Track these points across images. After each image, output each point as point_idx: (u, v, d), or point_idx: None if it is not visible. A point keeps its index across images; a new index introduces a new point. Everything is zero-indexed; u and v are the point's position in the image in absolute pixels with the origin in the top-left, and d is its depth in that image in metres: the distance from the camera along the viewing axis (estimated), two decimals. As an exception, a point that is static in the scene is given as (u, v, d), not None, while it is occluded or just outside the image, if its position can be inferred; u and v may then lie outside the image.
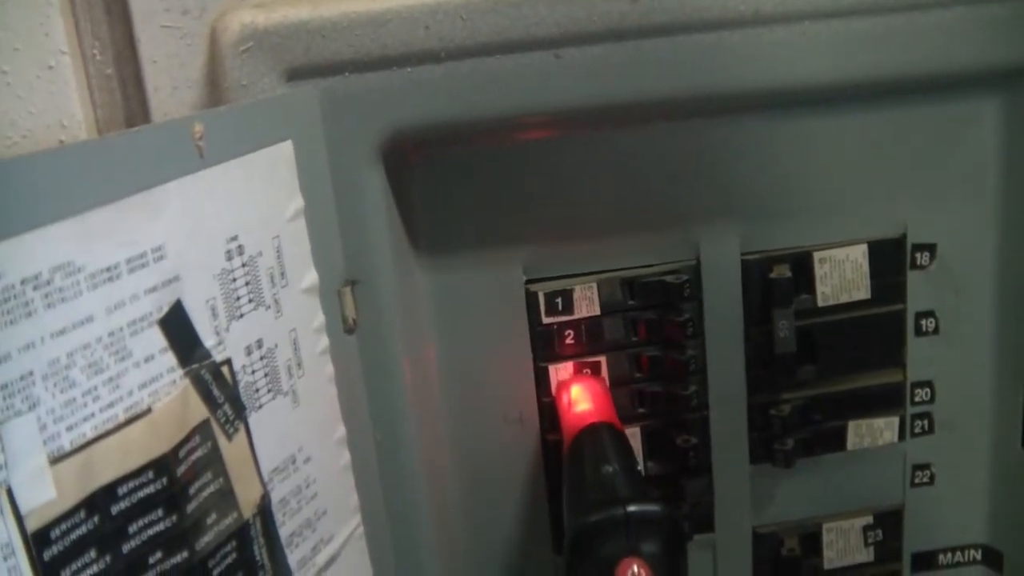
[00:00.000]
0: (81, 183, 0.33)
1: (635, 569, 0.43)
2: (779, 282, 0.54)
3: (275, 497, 0.43)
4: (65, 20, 0.46)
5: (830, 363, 0.56)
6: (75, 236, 0.33)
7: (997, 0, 0.48)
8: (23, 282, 0.31)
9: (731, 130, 0.52)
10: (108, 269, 0.34)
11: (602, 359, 0.55)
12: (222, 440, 0.40)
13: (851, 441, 0.58)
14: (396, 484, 0.52)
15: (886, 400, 0.58)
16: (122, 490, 0.35)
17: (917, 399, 0.58)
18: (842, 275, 0.55)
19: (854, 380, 0.57)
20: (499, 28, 0.45)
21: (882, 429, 0.58)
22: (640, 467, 0.56)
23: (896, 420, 0.58)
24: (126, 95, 0.48)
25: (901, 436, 0.58)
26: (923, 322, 0.57)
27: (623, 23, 0.46)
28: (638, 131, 0.52)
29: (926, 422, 0.58)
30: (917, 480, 0.59)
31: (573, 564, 0.45)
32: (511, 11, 0.45)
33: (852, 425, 0.57)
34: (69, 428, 0.33)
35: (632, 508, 0.44)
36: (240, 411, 0.41)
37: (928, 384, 0.58)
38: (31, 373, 0.32)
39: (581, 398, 0.54)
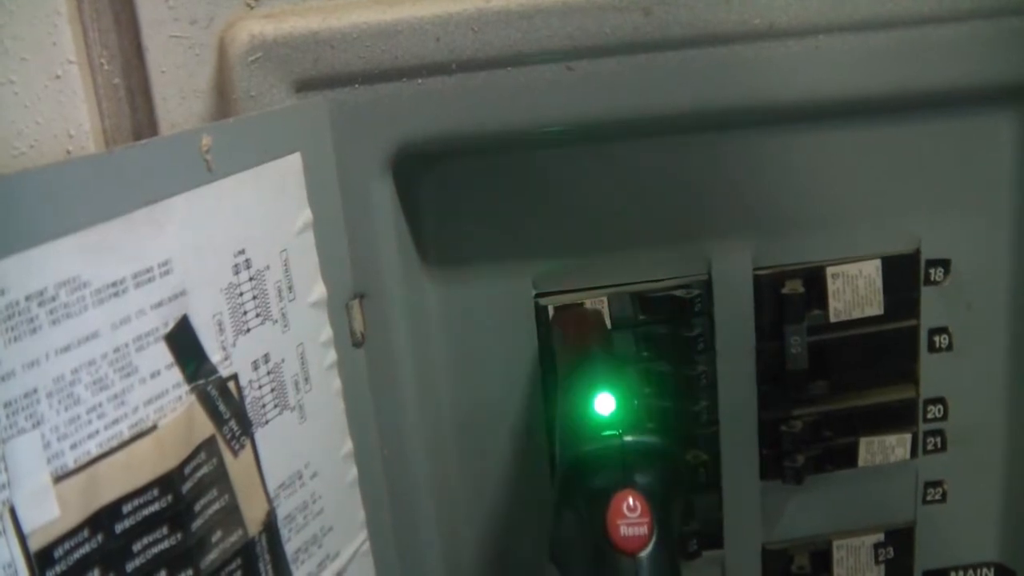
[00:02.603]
0: (87, 197, 0.33)
1: (630, 502, 0.40)
2: (791, 298, 0.53)
3: (281, 513, 0.43)
4: (73, 29, 0.45)
5: (842, 379, 0.56)
6: (81, 251, 0.32)
7: (1014, 14, 0.47)
8: (28, 298, 0.31)
9: (744, 144, 0.52)
10: (114, 284, 0.34)
11: (612, 373, 0.54)
12: (228, 456, 0.39)
13: (863, 458, 0.57)
14: (403, 499, 0.51)
15: (898, 417, 0.57)
16: (127, 508, 0.34)
17: (930, 416, 0.57)
18: (855, 290, 0.54)
19: (866, 396, 0.57)
20: (511, 40, 0.45)
21: (894, 446, 0.57)
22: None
23: (908, 437, 0.57)
24: (134, 105, 0.47)
25: (913, 453, 0.57)
26: (936, 338, 0.56)
27: (636, 36, 0.45)
28: (650, 144, 0.51)
29: (939, 439, 0.58)
30: (929, 497, 0.59)
31: (564, 497, 0.43)
32: (523, 23, 0.45)
33: (864, 442, 0.57)
34: (73, 446, 0.32)
35: (629, 438, 0.42)
36: (246, 427, 0.40)
37: (941, 401, 0.57)
38: (35, 390, 0.31)
39: (579, 329, 0.52)
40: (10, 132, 0.45)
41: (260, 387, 0.41)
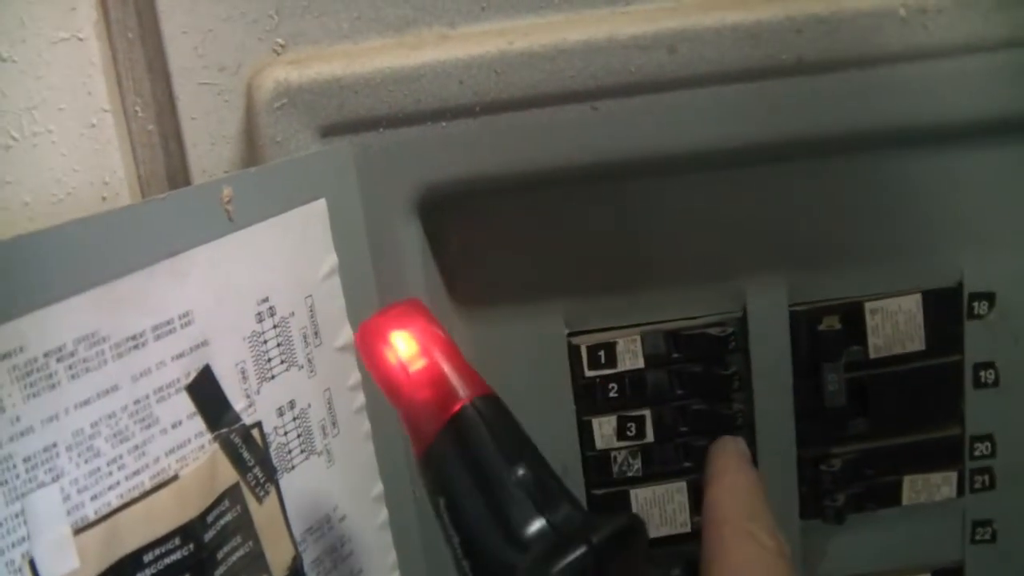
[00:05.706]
0: (107, 252, 0.33)
1: None
2: (828, 335, 0.52)
3: (309, 558, 0.43)
4: (107, 78, 0.46)
5: (883, 416, 0.54)
6: (100, 306, 0.33)
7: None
8: (46, 355, 0.31)
9: (777, 178, 0.51)
10: (133, 337, 0.34)
11: (646, 412, 0.54)
12: (252, 503, 0.39)
13: (907, 496, 0.56)
14: (436, 540, 0.51)
15: (943, 454, 0.55)
16: (148, 557, 0.35)
17: (977, 453, 0.55)
18: (895, 326, 0.53)
19: (909, 434, 0.55)
20: (534, 82, 0.45)
21: (939, 484, 0.55)
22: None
23: (954, 475, 0.55)
24: (168, 151, 0.48)
25: (960, 491, 0.56)
26: (982, 374, 0.54)
27: (661, 74, 0.45)
28: (679, 180, 0.51)
29: (987, 477, 0.56)
30: (978, 537, 0.57)
31: None
32: (546, 64, 0.45)
33: (907, 480, 0.55)
34: (94, 497, 0.33)
35: (597, 538, 0.32)
36: (271, 473, 0.40)
37: (988, 438, 0.55)
38: (55, 444, 0.32)
39: (421, 356, 0.37)
40: (48, 179, 0.46)
41: (286, 433, 0.41)
